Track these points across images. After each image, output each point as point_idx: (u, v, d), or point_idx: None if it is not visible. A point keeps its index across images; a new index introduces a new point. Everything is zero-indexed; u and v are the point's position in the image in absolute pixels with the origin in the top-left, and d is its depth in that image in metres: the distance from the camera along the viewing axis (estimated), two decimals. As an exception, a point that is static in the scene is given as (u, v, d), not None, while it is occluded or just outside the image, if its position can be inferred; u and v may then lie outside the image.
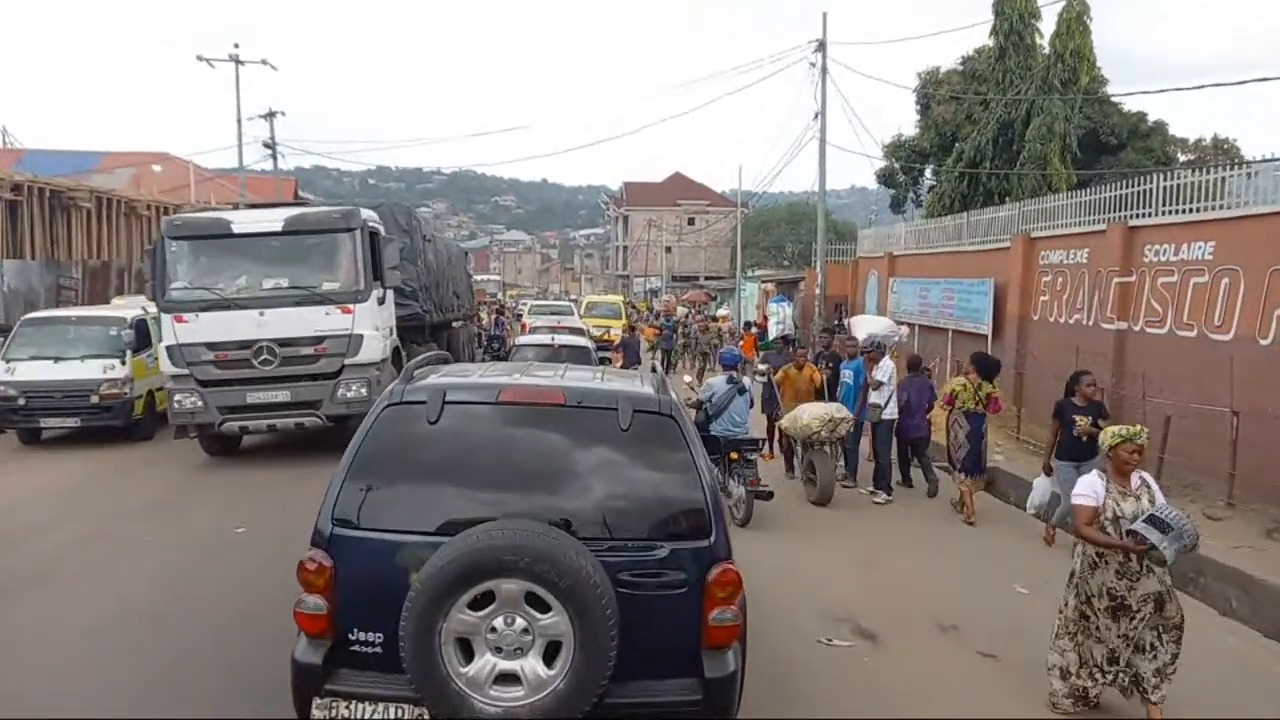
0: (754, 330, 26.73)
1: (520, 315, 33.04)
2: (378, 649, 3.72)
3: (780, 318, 24.30)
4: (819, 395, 11.44)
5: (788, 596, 7.05)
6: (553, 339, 15.38)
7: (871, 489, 10.90)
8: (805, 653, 6.04)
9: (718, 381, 10.31)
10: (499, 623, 3.53)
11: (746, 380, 10.69)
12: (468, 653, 3.55)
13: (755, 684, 5.17)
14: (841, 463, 11.74)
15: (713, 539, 3.84)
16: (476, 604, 3.52)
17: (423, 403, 3.99)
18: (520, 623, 3.53)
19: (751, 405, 10.50)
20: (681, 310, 35.23)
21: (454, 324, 21.04)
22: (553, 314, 28.69)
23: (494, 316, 31.99)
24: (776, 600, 6.82)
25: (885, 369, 11.19)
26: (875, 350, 11.61)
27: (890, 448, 11.00)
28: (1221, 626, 7.00)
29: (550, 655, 3.55)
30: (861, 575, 7.86)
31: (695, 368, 24.57)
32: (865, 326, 16.76)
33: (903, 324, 20.44)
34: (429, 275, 16.17)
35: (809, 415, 10.32)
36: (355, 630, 3.75)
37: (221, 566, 7.55)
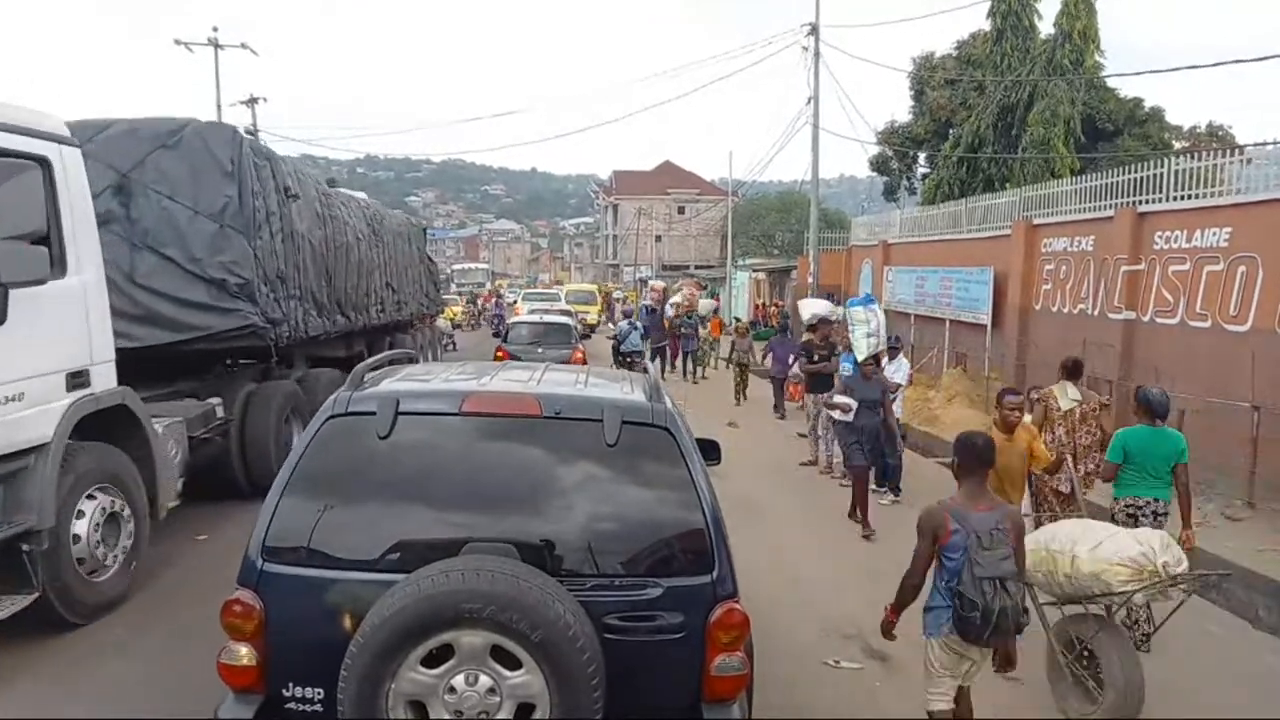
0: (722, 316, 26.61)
1: (514, 301, 37.67)
2: (318, 706, 3.14)
3: (871, 327, 11.79)
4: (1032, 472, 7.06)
5: (790, 611, 6.57)
6: (541, 318, 19.21)
7: (875, 488, 10.36)
8: (811, 676, 5.55)
9: (623, 324, 20.36)
10: (459, 682, 2.94)
11: (638, 323, 20.25)
12: (421, 717, 2.99)
13: (759, 709, 4.70)
14: (839, 458, 11.25)
15: (715, 573, 3.25)
16: (431, 660, 2.94)
17: (372, 413, 3.39)
18: (485, 681, 2.95)
19: (644, 337, 19.96)
20: (707, 305, 26.41)
21: (398, 330, 16.18)
22: (542, 300, 32.65)
23: (494, 299, 42.44)
24: (777, 615, 6.34)
25: (902, 369, 10.67)
26: (895, 344, 11.21)
27: (898, 445, 10.42)
28: (1257, 643, 6.51)
29: (521, 719, 2.99)
30: (869, 586, 7.30)
31: (736, 381, 18.18)
32: (809, 308, 18.94)
33: (902, 313, 20.37)
34: (303, 257, 9.89)
35: (1104, 556, 4.83)
36: (290, 685, 3.17)
37: (165, 585, 6.91)
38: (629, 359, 18.41)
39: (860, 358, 10.06)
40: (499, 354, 16.54)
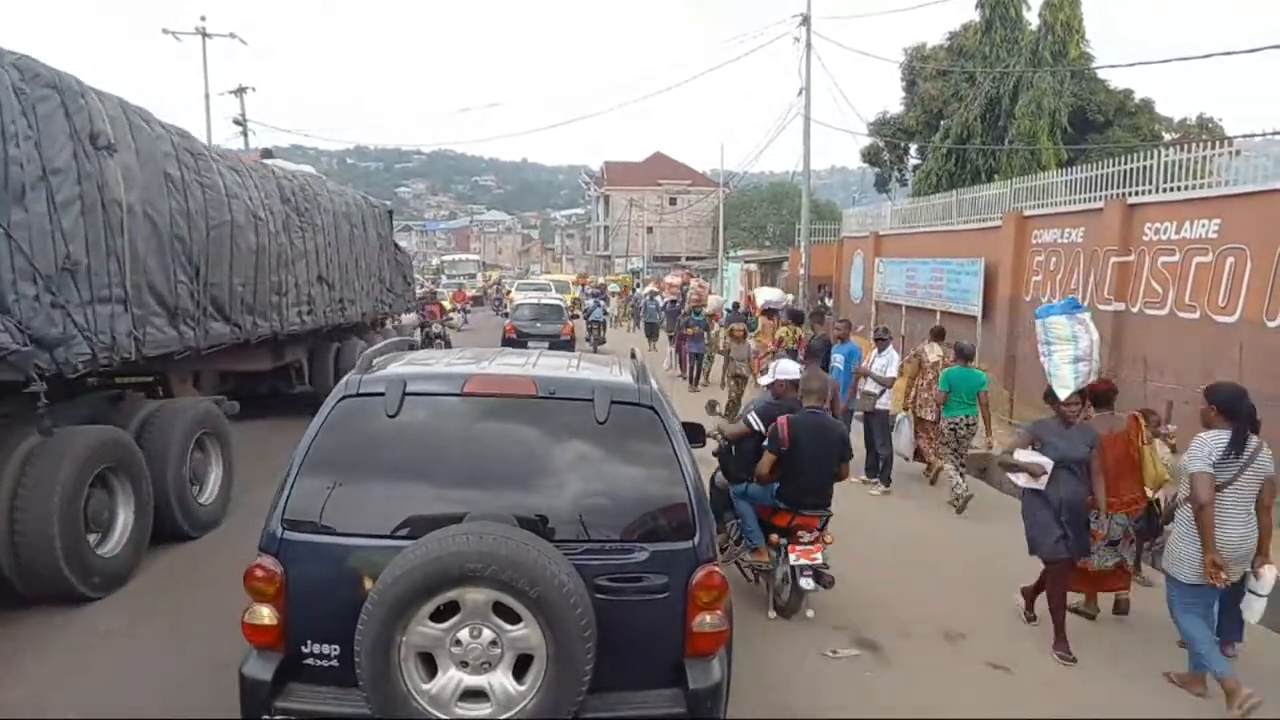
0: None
1: (509, 291, 43.64)
2: (333, 662, 3.40)
3: (1080, 348, 6.78)
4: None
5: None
6: (540, 300, 24.98)
7: (865, 479, 10.43)
8: (804, 666, 5.58)
9: (589, 302, 27.63)
10: (464, 635, 3.20)
11: (604, 304, 29.10)
12: (430, 668, 3.22)
13: (751, 703, 4.78)
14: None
15: (696, 539, 3.56)
16: (439, 615, 3.19)
17: (381, 394, 3.65)
18: (487, 635, 3.21)
19: (605, 315, 26.46)
20: (716, 301, 24.32)
21: (353, 332, 14.02)
22: (535, 290, 36.64)
23: (495, 288, 50.82)
24: (770, 606, 6.39)
25: (892, 361, 10.57)
26: (884, 335, 11.07)
27: (890, 438, 10.46)
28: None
29: (521, 669, 3.24)
30: (860, 576, 7.38)
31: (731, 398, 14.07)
32: (762, 295, 21.58)
33: (894, 305, 20.47)
34: (130, 240, 6.74)
35: None
36: (309, 642, 3.42)
37: (169, 562, 6.97)
38: (591, 326, 25.45)
39: (1063, 394, 6.37)
40: (507, 329, 21.94)
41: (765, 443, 6.31)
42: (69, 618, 5.84)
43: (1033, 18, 24.92)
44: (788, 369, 7.04)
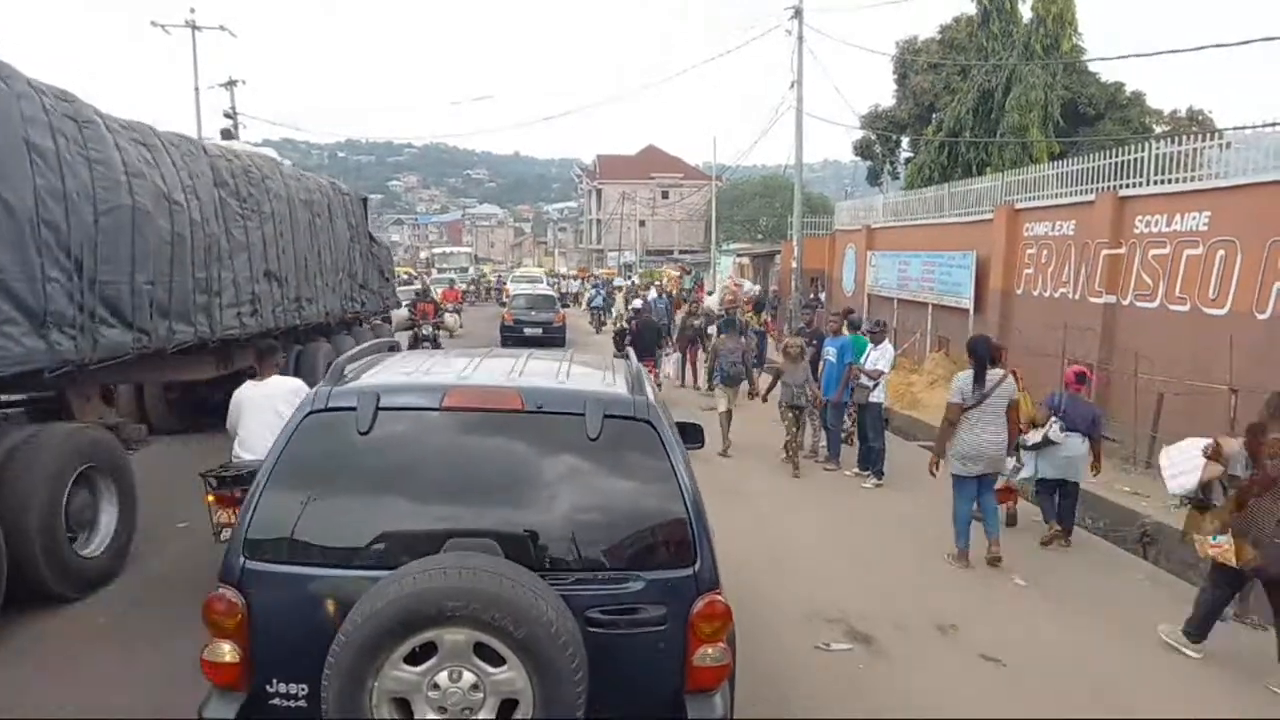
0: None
1: (505, 284, 48.97)
2: (301, 702, 3.13)
3: None
4: None
5: (773, 595, 6.56)
6: (534, 290, 29.20)
7: (857, 471, 10.42)
8: (799, 661, 5.55)
9: (591, 291, 38.26)
10: (442, 679, 2.92)
11: (601, 290, 35.77)
12: (405, 713, 2.97)
13: (744, 699, 4.71)
14: (823, 444, 11.30)
15: (697, 565, 3.24)
16: (415, 657, 2.91)
17: (352, 409, 3.33)
18: (468, 678, 2.93)
19: (608, 302, 31.41)
20: (715, 299, 22.24)
21: (320, 333, 12.87)
22: (528, 282, 40.01)
23: (495, 281, 55.17)
24: (761, 599, 6.36)
25: (886, 356, 10.53)
26: (877, 329, 11.00)
27: (883, 430, 10.43)
28: (1234, 625, 6.58)
29: (505, 715, 2.98)
30: (852, 569, 7.37)
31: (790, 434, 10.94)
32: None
33: (885, 298, 20.39)
34: None
35: None
36: (274, 681, 3.16)
37: (146, 574, 6.81)
38: (593, 313, 31.49)
39: None
40: (506, 316, 25.45)
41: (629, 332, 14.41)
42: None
43: (1026, 10, 24.83)
44: (639, 306, 18.20)
